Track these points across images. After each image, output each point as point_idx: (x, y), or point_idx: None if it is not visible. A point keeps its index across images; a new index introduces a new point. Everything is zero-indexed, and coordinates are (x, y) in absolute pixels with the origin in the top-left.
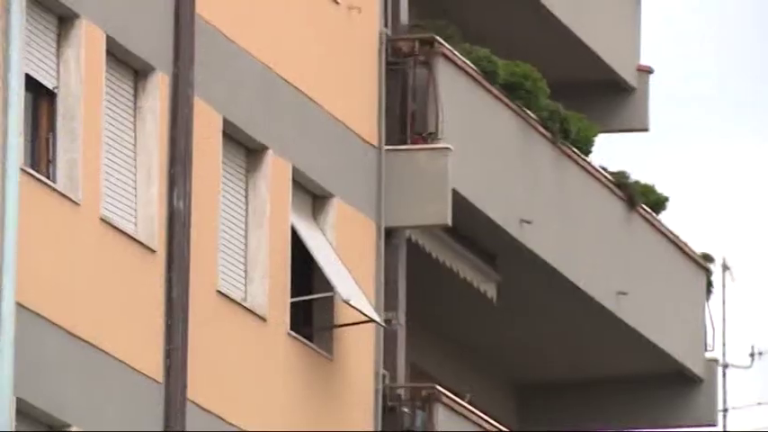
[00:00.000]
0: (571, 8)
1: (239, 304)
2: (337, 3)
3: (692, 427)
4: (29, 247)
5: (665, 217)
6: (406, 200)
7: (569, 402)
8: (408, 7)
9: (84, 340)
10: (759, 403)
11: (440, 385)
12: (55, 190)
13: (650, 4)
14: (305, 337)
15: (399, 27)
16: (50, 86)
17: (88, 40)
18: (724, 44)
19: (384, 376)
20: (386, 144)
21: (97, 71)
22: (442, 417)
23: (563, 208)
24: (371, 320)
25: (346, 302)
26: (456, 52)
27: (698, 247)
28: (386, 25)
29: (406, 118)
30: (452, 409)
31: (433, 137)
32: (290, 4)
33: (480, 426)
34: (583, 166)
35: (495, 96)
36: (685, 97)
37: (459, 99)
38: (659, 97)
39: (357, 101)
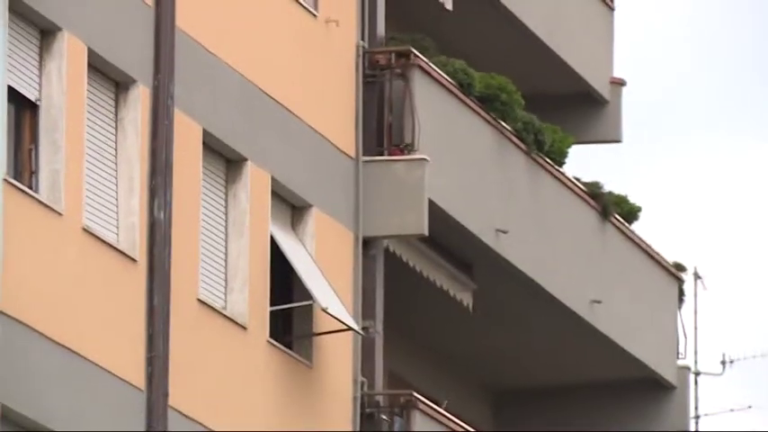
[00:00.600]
0: (545, 21)
1: (220, 313)
2: (315, 16)
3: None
4: (12, 257)
5: (637, 227)
6: (383, 210)
7: (544, 408)
8: (385, 20)
9: (67, 348)
10: (731, 410)
11: (417, 392)
12: (37, 200)
13: (624, 17)
14: (285, 345)
15: (376, 40)
16: (33, 98)
17: (70, 52)
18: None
19: (363, 383)
20: (363, 155)
21: (79, 83)
22: (419, 423)
23: (538, 218)
24: (350, 329)
25: (324, 311)
26: (432, 64)
27: (670, 257)
28: (363, 38)
29: (384, 129)
30: (429, 415)
31: (409, 148)
32: (270, 17)
33: (442, 422)
34: (557, 177)
35: (471, 108)
36: (658, 109)
37: (436, 110)
38: (632, 109)
39: (335, 112)
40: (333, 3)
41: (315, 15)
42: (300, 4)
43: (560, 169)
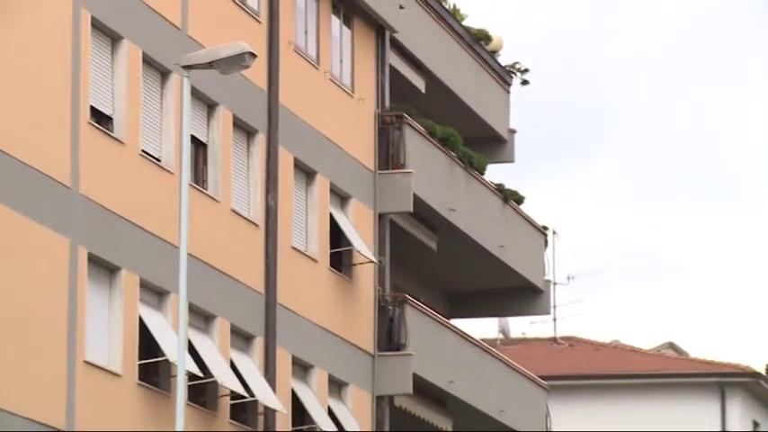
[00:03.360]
0: (473, 97)
1: (303, 254)
2: (352, 96)
3: (532, 314)
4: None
5: (524, 207)
6: (389, 198)
7: (475, 300)
8: (390, 97)
9: None
10: (572, 302)
11: (408, 295)
12: (208, 195)
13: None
14: (339, 271)
15: (384, 108)
16: (204, 140)
17: (224, 119)
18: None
19: (378, 290)
20: (378, 170)
21: (228, 132)
22: (409, 312)
23: (472, 201)
24: (371, 261)
25: (359, 252)
26: (415, 122)
27: (541, 222)
28: (378, 107)
29: (389, 155)
30: (415, 307)
31: (402, 165)
32: (333, 97)
33: (423, 311)
34: (480, 180)
35: (435, 145)
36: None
37: (416, 146)
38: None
39: (364, 147)
40: (361, 87)
41: (352, 96)
42: (345, 91)
43: (481, 176)
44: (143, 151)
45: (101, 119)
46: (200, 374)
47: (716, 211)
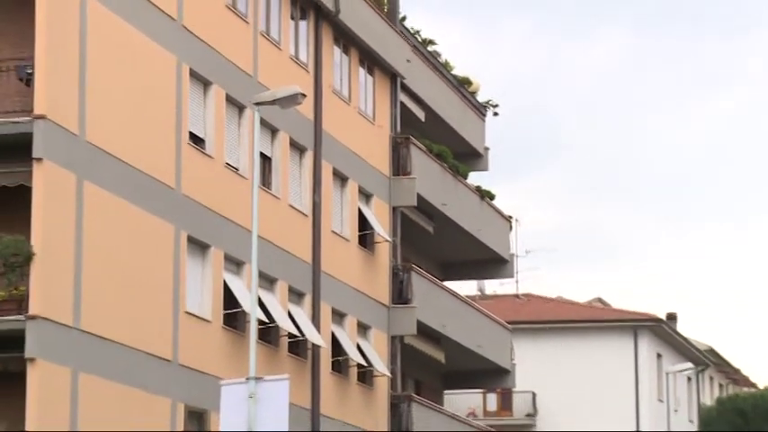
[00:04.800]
0: (459, 124)
1: (340, 236)
2: (373, 123)
3: (501, 278)
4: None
5: (496, 202)
6: (400, 194)
7: (457, 269)
8: (400, 125)
9: None
10: (528, 269)
11: (415, 264)
12: (273, 195)
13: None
14: (365, 248)
15: (396, 132)
16: (268, 154)
17: (283, 145)
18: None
19: (392, 261)
20: (392, 175)
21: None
22: (414, 277)
23: (458, 198)
24: (386, 240)
25: (378, 234)
26: (418, 142)
27: (507, 212)
28: (392, 132)
29: (399, 166)
30: (417, 273)
31: (409, 173)
32: (361, 125)
33: (424, 276)
34: (463, 183)
35: (432, 159)
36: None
37: (419, 159)
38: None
39: (381, 160)
40: (380, 117)
41: (373, 123)
42: (369, 120)
43: (465, 180)
44: (226, 163)
45: (196, 140)
46: (267, 321)
47: (630, 204)
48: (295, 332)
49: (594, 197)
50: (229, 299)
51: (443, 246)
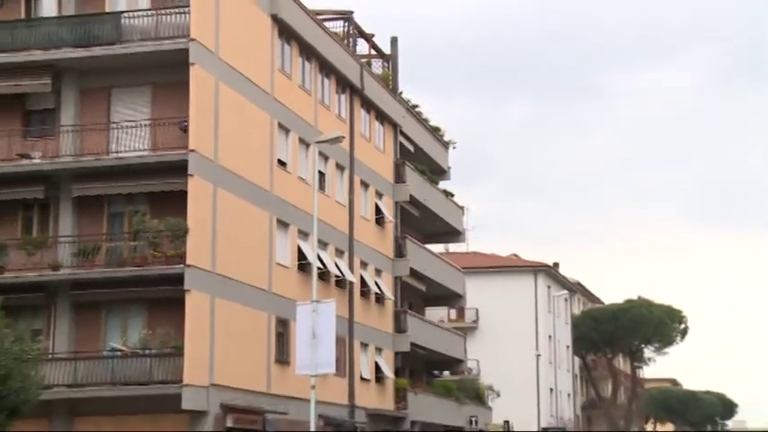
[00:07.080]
0: (434, 152)
1: (366, 219)
2: (383, 153)
3: (458, 243)
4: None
5: (455, 199)
6: (399, 193)
7: (433, 236)
8: (399, 153)
9: None
10: (474, 237)
11: (410, 236)
12: (328, 196)
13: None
14: (379, 225)
15: (397, 158)
16: (324, 172)
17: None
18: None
19: (395, 233)
20: (395, 182)
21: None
22: (408, 245)
23: (433, 197)
24: (392, 221)
25: (387, 217)
26: (410, 163)
27: (461, 204)
28: (394, 158)
29: (399, 177)
30: (410, 240)
31: (404, 181)
32: (375, 154)
33: (414, 242)
34: (436, 188)
35: (418, 173)
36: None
37: (410, 174)
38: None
39: (388, 173)
40: (387, 150)
41: (383, 153)
42: (380, 151)
43: (437, 186)
44: (299, 177)
45: (281, 163)
46: (322, 267)
47: (537, 202)
48: (339, 274)
49: (515, 195)
50: (301, 255)
51: (425, 224)
